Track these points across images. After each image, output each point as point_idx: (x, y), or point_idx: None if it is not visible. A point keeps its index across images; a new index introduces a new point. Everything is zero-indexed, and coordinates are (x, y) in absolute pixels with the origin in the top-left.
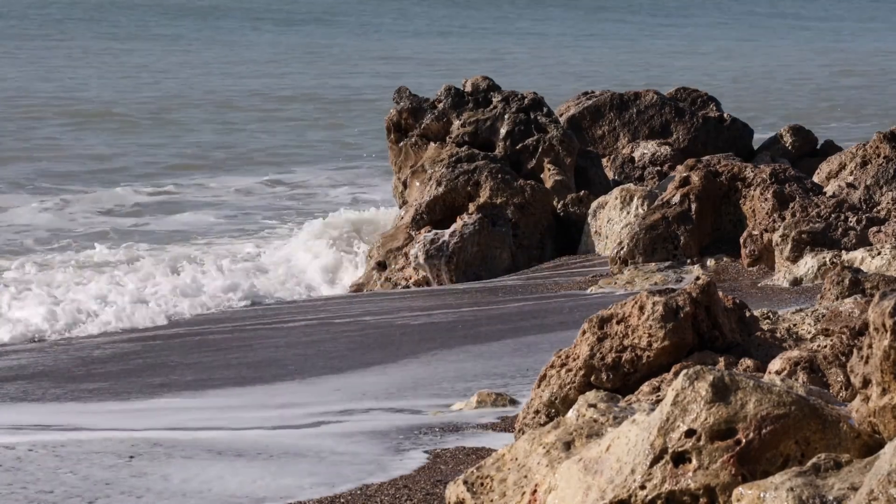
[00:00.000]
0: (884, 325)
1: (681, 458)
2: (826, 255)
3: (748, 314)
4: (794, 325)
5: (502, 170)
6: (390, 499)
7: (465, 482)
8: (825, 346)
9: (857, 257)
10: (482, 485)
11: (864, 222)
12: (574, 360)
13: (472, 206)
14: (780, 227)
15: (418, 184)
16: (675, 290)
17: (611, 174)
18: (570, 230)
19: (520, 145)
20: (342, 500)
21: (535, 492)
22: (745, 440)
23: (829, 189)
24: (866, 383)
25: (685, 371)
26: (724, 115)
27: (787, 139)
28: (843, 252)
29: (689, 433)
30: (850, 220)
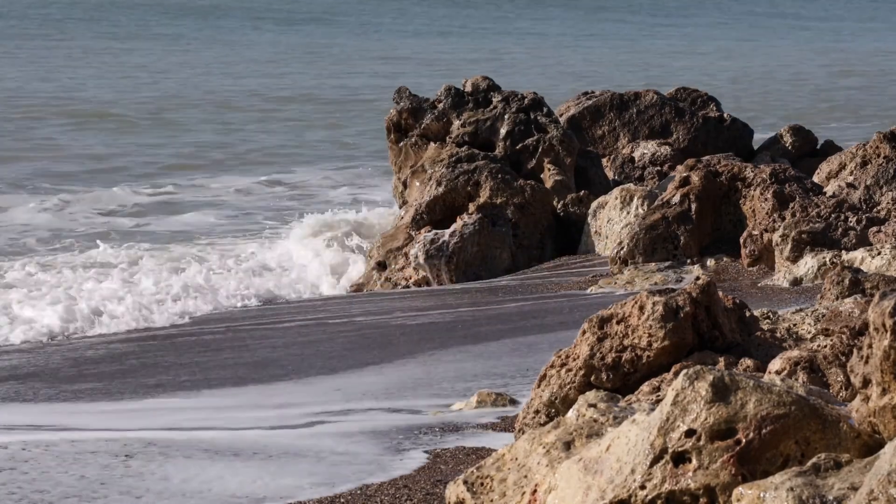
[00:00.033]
0: (884, 325)
1: (681, 458)
2: (826, 255)
3: (748, 314)
4: (794, 325)
5: (502, 170)
6: (390, 499)
7: (465, 482)
8: (825, 346)
9: (857, 257)
10: (482, 485)
11: (864, 222)
12: (574, 360)
13: (472, 206)
14: (780, 227)
15: (418, 184)
16: (675, 290)
17: (611, 174)
18: (570, 230)
19: (520, 145)
20: (342, 500)
21: (535, 492)
22: (745, 440)
23: (829, 189)
24: (866, 383)
25: (685, 371)
26: (724, 115)
27: (787, 139)
28: (843, 252)
29: (689, 433)
30: (850, 220)
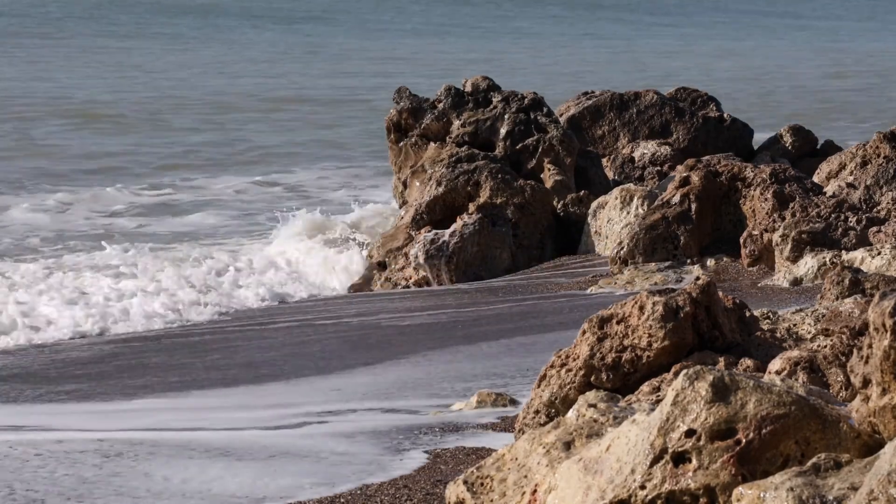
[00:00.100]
0: (884, 325)
1: (681, 458)
2: (826, 255)
3: (748, 314)
4: (794, 325)
5: (502, 170)
6: (390, 499)
7: (465, 482)
8: (825, 346)
9: (857, 257)
10: (482, 485)
11: (864, 222)
12: (574, 360)
13: (472, 206)
14: (780, 227)
15: (418, 184)
16: (675, 290)
17: (611, 174)
18: (570, 230)
19: (520, 145)
20: (342, 500)
21: (535, 492)
22: (745, 440)
23: (829, 189)
24: (866, 383)
25: (685, 371)
26: (724, 115)
27: (787, 139)
28: (843, 252)
29: (689, 433)
30: (850, 220)
